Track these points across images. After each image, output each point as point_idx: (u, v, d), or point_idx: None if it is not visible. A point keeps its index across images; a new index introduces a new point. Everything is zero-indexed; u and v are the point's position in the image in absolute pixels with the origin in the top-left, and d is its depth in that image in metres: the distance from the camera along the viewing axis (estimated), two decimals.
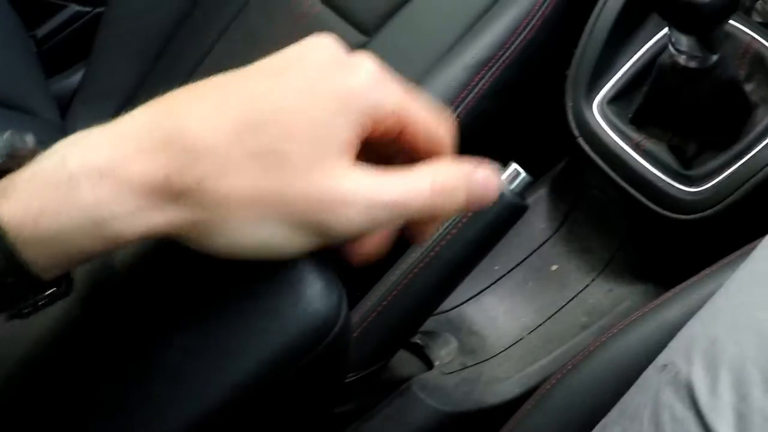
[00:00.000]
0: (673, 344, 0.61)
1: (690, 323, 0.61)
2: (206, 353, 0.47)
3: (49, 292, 0.42)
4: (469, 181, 0.44)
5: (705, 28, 0.68)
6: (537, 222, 0.88)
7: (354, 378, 0.69)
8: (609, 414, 0.61)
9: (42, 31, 1.35)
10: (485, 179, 0.45)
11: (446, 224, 0.65)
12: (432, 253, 0.64)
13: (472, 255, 0.65)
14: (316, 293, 0.47)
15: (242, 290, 0.47)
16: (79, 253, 0.41)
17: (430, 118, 0.45)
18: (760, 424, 0.51)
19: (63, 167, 0.39)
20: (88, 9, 1.35)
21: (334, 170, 0.41)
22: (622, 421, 0.59)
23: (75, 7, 1.35)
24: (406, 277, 0.64)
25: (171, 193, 0.39)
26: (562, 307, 0.83)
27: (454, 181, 0.44)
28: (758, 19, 0.85)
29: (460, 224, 0.64)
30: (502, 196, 0.63)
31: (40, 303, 0.42)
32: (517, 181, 0.63)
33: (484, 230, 0.63)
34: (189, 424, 0.47)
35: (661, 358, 0.60)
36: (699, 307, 0.62)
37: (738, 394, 0.53)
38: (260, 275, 0.47)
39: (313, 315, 0.46)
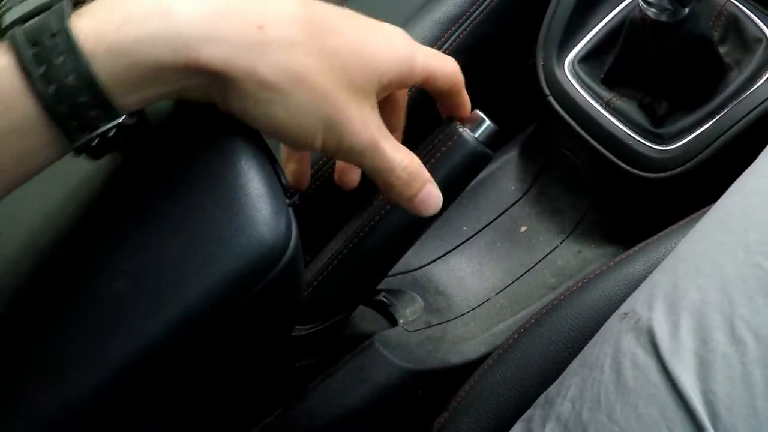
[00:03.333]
0: (635, 294, 0.60)
1: (653, 273, 0.60)
2: (151, 281, 0.46)
3: (121, 120, 0.42)
4: (423, 185, 0.55)
5: None
6: (507, 183, 0.87)
7: (313, 330, 0.67)
8: (570, 365, 0.61)
9: None
10: (431, 194, 0.55)
11: None
12: (392, 201, 0.63)
13: None
14: (263, 219, 0.46)
15: (189, 216, 0.46)
16: (154, 76, 0.42)
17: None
18: (722, 369, 0.50)
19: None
20: None
21: (366, 100, 0.49)
22: (582, 371, 0.58)
23: None
24: (368, 224, 0.63)
25: (251, 45, 0.43)
26: (531, 268, 0.82)
27: (418, 177, 0.54)
28: None
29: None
30: (466, 143, 0.62)
31: (110, 134, 0.42)
32: (482, 128, 0.62)
33: (448, 177, 0.62)
34: (133, 356, 0.46)
35: (623, 308, 0.59)
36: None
37: (699, 338, 0.52)
38: (208, 201, 0.46)
39: (261, 242, 0.45)
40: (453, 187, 0.63)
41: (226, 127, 0.48)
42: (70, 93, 0.40)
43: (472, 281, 0.82)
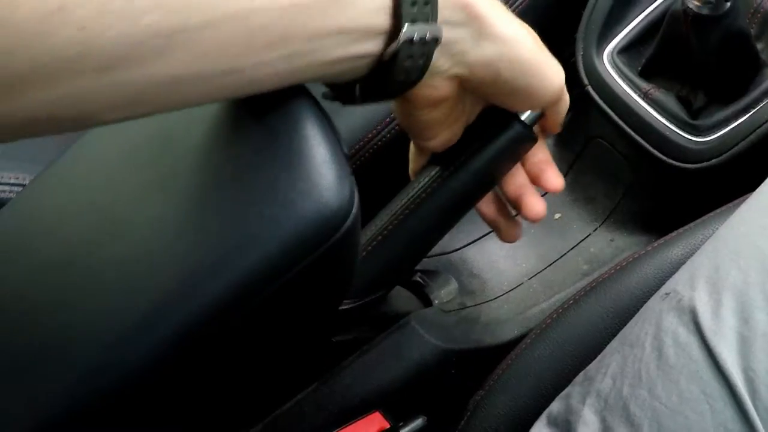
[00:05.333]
0: (676, 275, 0.61)
1: (694, 256, 0.61)
2: (216, 243, 0.47)
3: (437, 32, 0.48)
4: None
5: None
6: None
7: (352, 306, 0.69)
8: (610, 344, 0.62)
9: None
10: None
11: (454, 152, 0.65)
12: (439, 180, 0.64)
13: (478, 184, 0.65)
14: (328, 184, 0.46)
15: (255, 179, 0.47)
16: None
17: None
18: (763, 347, 0.52)
19: None
20: None
21: None
22: (623, 349, 0.59)
23: None
24: (413, 203, 0.64)
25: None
26: (564, 254, 0.83)
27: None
28: None
29: (468, 152, 0.64)
30: (512, 125, 0.63)
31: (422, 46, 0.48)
32: (528, 112, 0.63)
33: (492, 160, 0.63)
34: (195, 319, 0.46)
35: (664, 288, 0.60)
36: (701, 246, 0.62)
37: (741, 317, 0.53)
38: (275, 165, 0.47)
39: (324, 206, 0.46)
40: (499, 168, 0.65)
41: (290, 95, 0.49)
42: None
43: (506, 265, 0.83)
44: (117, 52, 0.37)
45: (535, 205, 0.66)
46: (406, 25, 0.46)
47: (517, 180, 0.66)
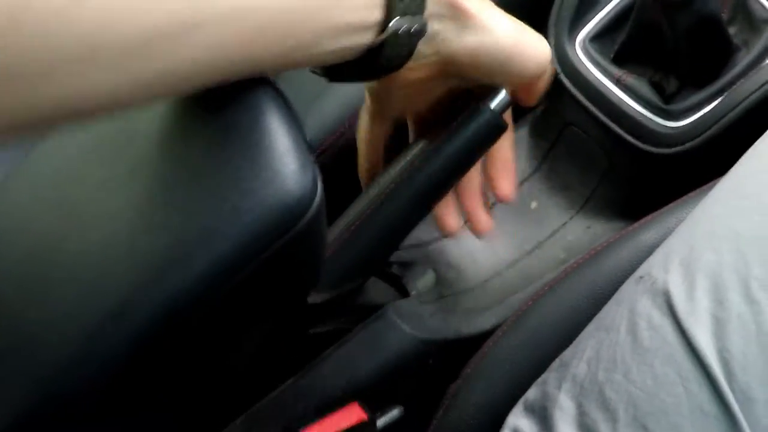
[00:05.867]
0: (651, 258, 0.61)
1: (668, 239, 0.61)
2: (182, 234, 0.47)
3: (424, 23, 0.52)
4: None
5: None
6: (517, 161, 0.87)
7: (328, 297, 0.68)
8: (585, 329, 0.62)
9: None
10: None
11: (425, 140, 0.65)
12: (412, 168, 0.64)
13: (450, 171, 0.65)
14: (290, 173, 0.46)
15: (218, 170, 0.47)
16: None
17: None
18: (737, 329, 0.51)
19: None
20: None
21: None
22: (597, 334, 0.59)
23: None
24: (385, 191, 0.64)
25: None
26: (541, 243, 0.83)
27: None
28: None
29: (439, 140, 0.64)
30: (482, 112, 0.63)
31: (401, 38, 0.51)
32: (497, 99, 0.63)
33: (463, 146, 0.63)
34: (164, 310, 0.46)
35: (638, 272, 0.60)
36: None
37: (715, 299, 0.53)
38: (236, 156, 0.47)
39: (288, 194, 0.46)
40: (469, 156, 0.65)
41: (250, 84, 0.49)
42: None
43: (484, 255, 0.83)
44: (133, 42, 0.39)
45: (481, 221, 0.72)
46: (395, 18, 0.49)
47: (471, 186, 0.70)
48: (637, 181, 0.82)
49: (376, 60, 0.52)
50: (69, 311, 0.48)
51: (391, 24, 0.50)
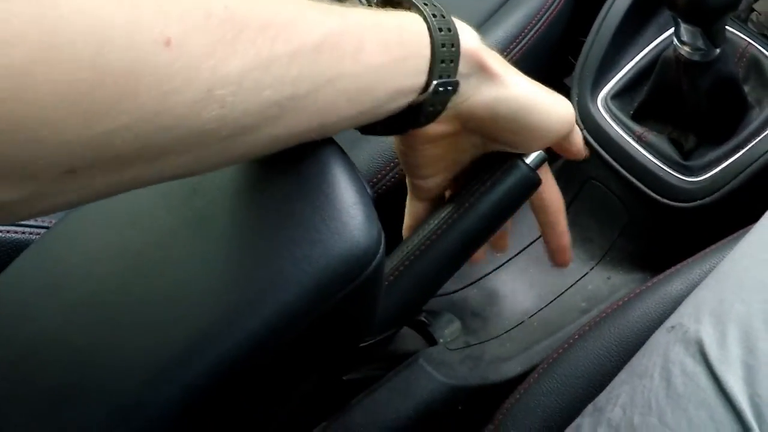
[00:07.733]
0: (680, 309, 0.63)
1: (696, 290, 0.63)
2: (253, 281, 0.48)
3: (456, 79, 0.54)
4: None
5: (709, 20, 0.72)
6: None
7: (366, 344, 0.70)
8: (618, 376, 0.64)
9: None
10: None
11: (462, 195, 0.67)
12: (449, 221, 0.66)
13: (486, 225, 0.67)
14: (357, 224, 0.48)
15: (288, 221, 0.49)
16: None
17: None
18: (767, 374, 0.54)
19: None
20: None
21: None
22: (631, 380, 0.61)
23: None
24: (423, 244, 0.66)
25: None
26: (562, 293, 0.85)
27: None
28: (754, 29, 0.89)
29: (475, 195, 0.66)
30: (518, 167, 0.65)
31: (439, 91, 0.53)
32: (533, 155, 0.66)
33: (500, 201, 0.65)
34: (232, 354, 0.47)
35: (669, 322, 0.63)
36: (700, 281, 0.65)
37: (746, 347, 0.55)
38: (306, 208, 0.49)
39: (355, 244, 0.48)
40: (504, 210, 0.67)
41: (317, 142, 0.51)
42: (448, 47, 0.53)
43: (507, 304, 0.85)
44: (244, 122, 0.42)
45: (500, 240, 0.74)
46: (434, 82, 0.52)
47: None
48: (656, 234, 0.85)
49: (417, 116, 0.54)
50: (133, 356, 0.49)
51: (431, 86, 0.52)
